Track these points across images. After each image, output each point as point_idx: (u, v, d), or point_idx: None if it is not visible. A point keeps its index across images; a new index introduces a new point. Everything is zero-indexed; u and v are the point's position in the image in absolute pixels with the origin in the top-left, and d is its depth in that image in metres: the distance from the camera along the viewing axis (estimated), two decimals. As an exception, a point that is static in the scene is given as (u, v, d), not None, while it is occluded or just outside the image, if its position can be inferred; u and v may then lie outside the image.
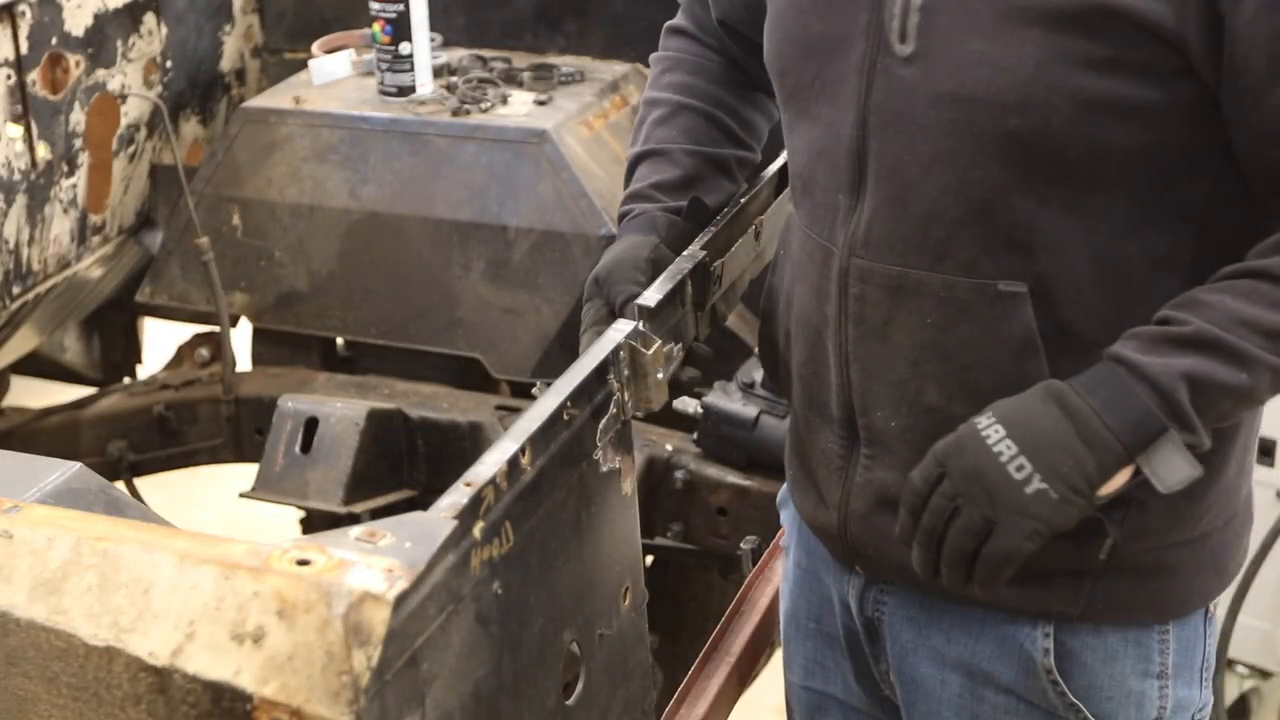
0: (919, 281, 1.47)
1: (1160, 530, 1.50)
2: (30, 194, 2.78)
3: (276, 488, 2.69)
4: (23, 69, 2.69)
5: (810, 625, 1.77)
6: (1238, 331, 1.34)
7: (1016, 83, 1.37)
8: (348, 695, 1.06)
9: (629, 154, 1.81)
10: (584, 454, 1.44)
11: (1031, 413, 1.39)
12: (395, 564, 1.11)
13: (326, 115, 2.92)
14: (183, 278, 3.06)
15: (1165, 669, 1.57)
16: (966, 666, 1.59)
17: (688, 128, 1.77)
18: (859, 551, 1.61)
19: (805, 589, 1.77)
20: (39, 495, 1.53)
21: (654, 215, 1.72)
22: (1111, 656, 1.55)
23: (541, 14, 3.18)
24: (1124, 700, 1.56)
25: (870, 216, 1.49)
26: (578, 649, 1.45)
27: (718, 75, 1.80)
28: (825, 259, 1.55)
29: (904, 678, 1.65)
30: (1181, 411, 1.35)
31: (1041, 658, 1.55)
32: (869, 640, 1.68)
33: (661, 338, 1.55)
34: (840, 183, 1.51)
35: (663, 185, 1.74)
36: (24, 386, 3.58)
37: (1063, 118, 1.37)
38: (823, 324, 1.57)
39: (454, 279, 2.84)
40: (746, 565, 2.16)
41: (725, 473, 2.56)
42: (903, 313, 1.49)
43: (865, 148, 1.48)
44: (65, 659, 1.13)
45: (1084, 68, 1.35)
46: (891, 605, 1.64)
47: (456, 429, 2.79)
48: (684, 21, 1.84)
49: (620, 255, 1.68)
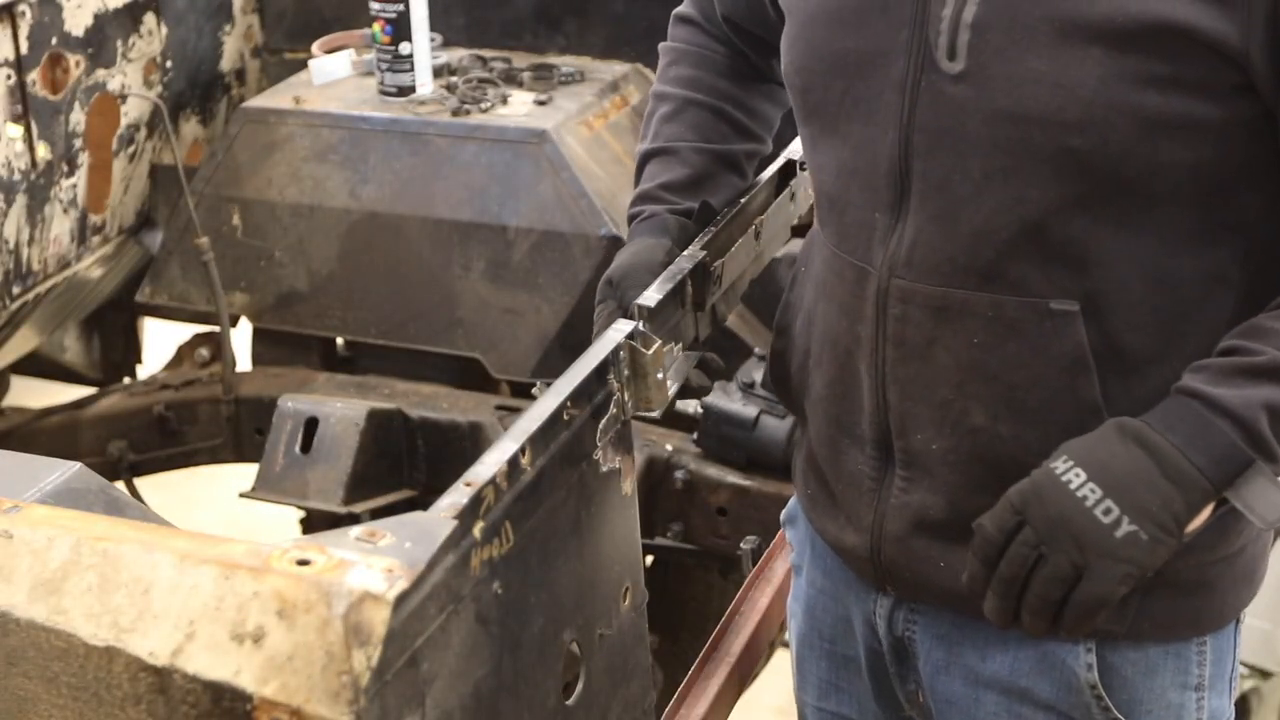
0: (964, 301, 1.44)
1: (1205, 548, 1.49)
2: (30, 194, 2.78)
3: (276, 488, 2.69)
4: (23, 69, 2.69)
5: (825, 646, 1.74)
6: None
7: (1077, 101, 1.34)
8: (348, 695, 1.06)
9: (638, 150, 1.81)
10: (584, 454, 1.44)
11: (1111, 453, 1.35)
12: (395, 564, 1.11)
13: (326, 115, 2.92)
14: (183, 278, 3.06)
15: (1203, 680, 1.56)
16: (1003, 684, 1.56)
17: (696, 123, 1.76)
18: (893, 574, 1.58)
19: (821, 610, 1.74)
20: (39, 495, 1.53)
21: (665, 218, 1.72)
22: (1152, 670, 1.54)
23: (541, 14, 3.18)
24: (1164, 713, 1.55)
25: (914, 236, 1.46)
26: (578, 649, 1.45)
27: (724, 67, 1.79)
28: (859, 279, 1.51)
29: (937, 697, 1.62)
30: (1265, 442, 1.32)
31: (1085, 673, 1.53)
32: (896, 660, 1.65)
33: (661, 338, 1.55)
34: (878, 202, 1.48)
35: (672, 185, 1.74)
36: (24, 386, 3.58)
37: (1121, 135, 1.35)
38: (854, 345, 1.54)
39: (454, 279, 2.84)
40: (746, 565, 2.16)
41: (725, 473, 2.56)
42: (947, 333, 1.46)
43: (908, 167, 1.45)
44: (65, 659, 1.13)
45: (1145, 86, 1.33)
46: (923, 624, 1.61)
47: (456, 429, 2.79)
48: (691, 10, 1.83)
49: (634, 258, 1.68)
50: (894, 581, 1.59)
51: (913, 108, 1.44)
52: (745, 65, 1.80)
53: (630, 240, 1.73)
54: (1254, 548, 1.56)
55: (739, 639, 1.99)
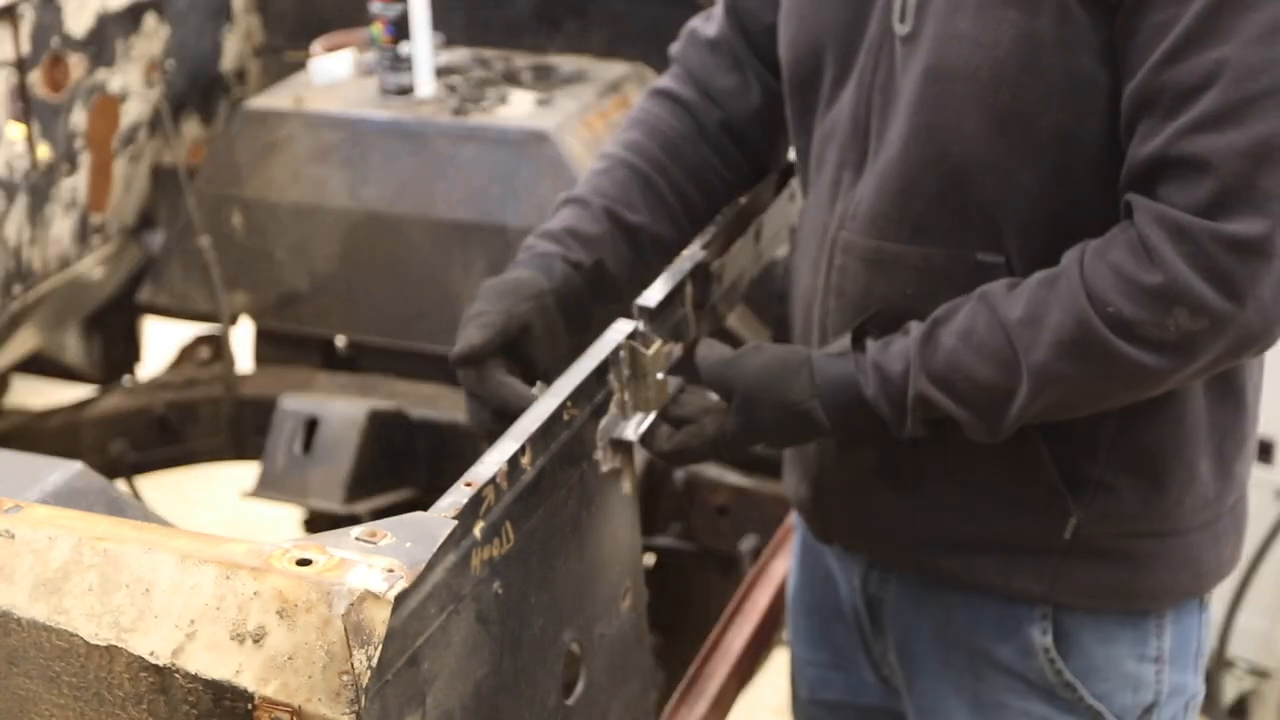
0: (897, 254, 1.52)
1: (1126, 517, 1.54)
2: (31, 194, 2.78)
3: (277, 488, 2.69)
4: (24, 69, 2.69)
5: (814, 600, 1.82)
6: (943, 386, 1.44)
7: (993, 60, 1.41)
8: (348, 695, 1.07)
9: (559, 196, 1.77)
10: (584, 454, 1.44)
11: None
12: (396, 564, 1.11)
13: (327, 115, 2.92)
14: (183, 278, 3.06)
15: (1162, 653, 1.60)
16: (968, 645, 1.63)
17: (622, 183, 1.72)
18: (835, 526, 1.69)
19: (811, 564, 1.82)
20: (40, 495, 1.54)
21: (554, 261, 1.65)
22: (1109, 639, 1.59)
23: (541, 14, 3.18)
24: (1120, 681, 1.60)
25: (861, 192, 1.54)
26: (578, 649, 1.45)
27: (674, 142, 1.75)
28: (823, 234, 1.60)
29: (905, 656, 1.69)
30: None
31: (1040, 637, 1.59)
32: (870, 619, 1.72)
33: (662, 338, 1.55)
34: (845, 160, 1.56)
35: (577, 234, 1.68)
36: (24, 386, 3.58)
37: (1034, 96, 1.41)
38: (814, 297, 1.62)
39: (454, 279, 2.84)
40: (746, 565, 2.16)
41: (725, 473, 2.56)
42: (881, 285, 1.53)
43: (869, 126, 1.53)
44: (66, 658, 1.13)
45: (1054, 49, 1.39)
46: (895, 585, 1.68)
47: (456, 429, 2.79)
48: (670, 83, 1.80)
49: (503, 284, 1.62)
50: (837, 534, 1.69)
51: (875, 69, 1.52)
52: (700, 144, 1.76)
53: (512, 268, 1.67)
54: (1199, 536, 1.58)
55: (739, 639, 1.99)
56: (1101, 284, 1.37)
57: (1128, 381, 1.41)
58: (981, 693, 1.63)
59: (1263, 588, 3.16)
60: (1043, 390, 1.41)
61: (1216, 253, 1.33)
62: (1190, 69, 1.33)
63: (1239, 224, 1.32)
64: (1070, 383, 1.41)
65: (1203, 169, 1.33)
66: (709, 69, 1.77)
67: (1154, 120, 1.36)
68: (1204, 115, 1.33)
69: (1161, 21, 1.34)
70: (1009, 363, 1.41)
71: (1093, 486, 1.52)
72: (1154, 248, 1.35)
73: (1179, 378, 1.42)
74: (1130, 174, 1.39)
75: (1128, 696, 1.60)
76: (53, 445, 2.90)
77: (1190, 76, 1.33)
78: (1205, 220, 1.33)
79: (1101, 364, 1.38)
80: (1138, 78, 1.37)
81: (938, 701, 1.67)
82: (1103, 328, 1.37)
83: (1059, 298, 1.39)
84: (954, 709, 1.66)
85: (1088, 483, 1.52)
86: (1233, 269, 1.33)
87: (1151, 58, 1.35)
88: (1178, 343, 1.36)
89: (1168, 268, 1.34)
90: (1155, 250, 1.35)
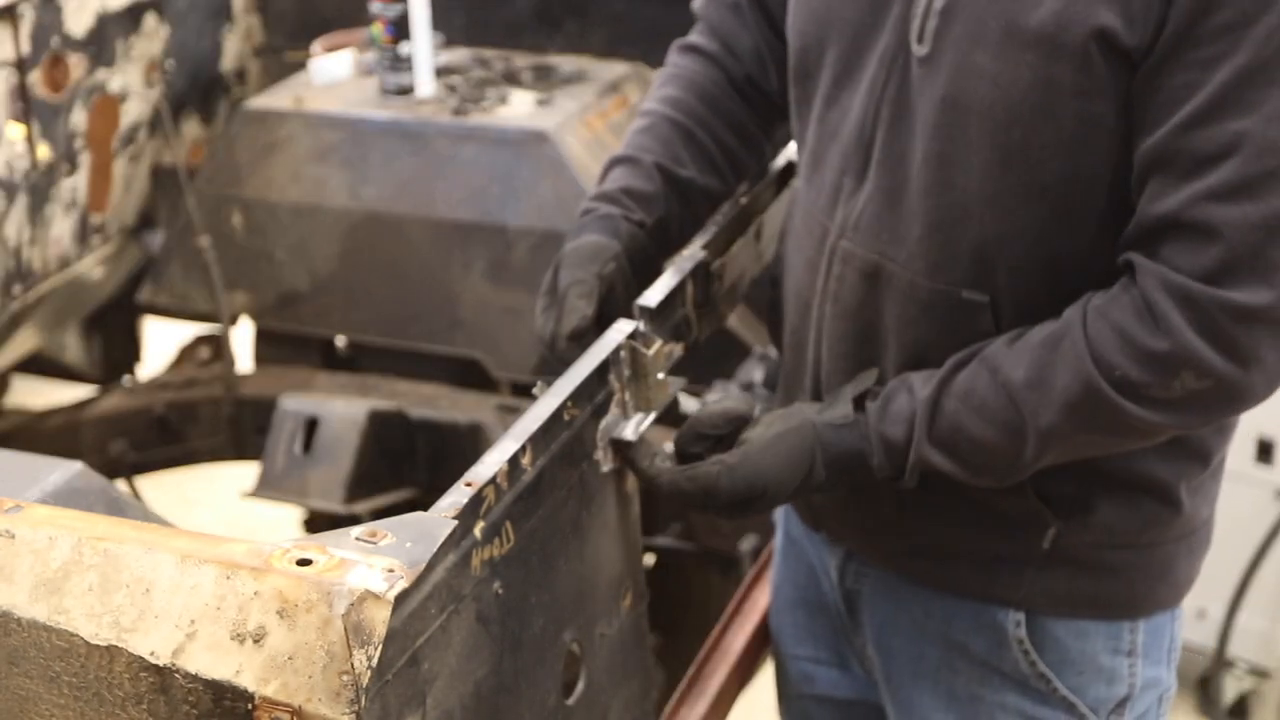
0: (891, 274, 1.52)
1: (1104, 529, 1.55)
2: (31, 194, 2.78)
3: (277, 488, 2.69)
4: (24, 69, 2.69)
5: (798, 594, 1.84)
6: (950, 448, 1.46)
7: (1008, 100, 1.40)
8: (349, 695, 1.07)
9: (608, 157, 1.80)
10: (585, 454, 1.44)
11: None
12: (396, 564, 1.11)
13: (327, 115, 2.92)
14: (183, 278, 3.06)
15: (1135, 647, 1.62)
16: (943, 638, 1.65)
17: (665, 139, 1.76)
18: (824, 518, 1.71)
19: (794, 559, 1.84)
20: (40, 495, 1.54)
21: (619, 221, 1.70)
22: (1083, 633, 1.60)
23: (541, 14, 3.18)
24: (1095, 674, 1.62)
25: (864, 204, 1.54)
26: (578, 649, 1.45)
27: (710, 94, 1.78)
28: (821, 236, 1.60)
29: (882, 649, 1.71)
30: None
31: (1014, 629, 1.60)
32: (848, 612, 1.75)
33: (662, 337, 1.55)
34: (847, 165, 1.56)
35: (633, 193, 1.73)
36: (24, 386, 3.58)
37: (1045, 140, 1.40)
38: (810, 298, 1.63)
39: (454, 279, 2.84)
40: (746, 565, 2.16)
41: (725, 473, 2.56)
42: (874, 299, 1.55)
43: (874, 137, 1.53)
44: (66, 658, 1.13)
45: (1071, 95, 1.38)
46: (873, 578, 1.70)
47: (456, 429, 2.79)
48: (696, 38, 1.83)
49: (578, 251, 1.65)
50: (825, 523, 1.72)
51: (886, 82, 1.51)
52: (736, 95, 1.79)
53: (578, 233, 1.70)
54: (1174, 548, 1.60)
55: (739, 639, 1.99)
56: (1107, 347, 1.38)
57: (1132, 436, 1.45)
58: (956, 685, 1.65)
59: (1263, 588, 3.16)
60: (1048, 449, 1.44)
61: (1223, 320, 1.34)
62: (1210, 137, 1.33)
63: (1245, 293, 1.34)
64: (1077, 440, 1.44)
65: (1212, 236, 1.34)
66: (730, 26, 1.79)
67: (1167, 180, 1.36)
68: (1220, 185, 1.33)
69: (1185, 84, 1.34)
70: (1013, 424, 1.43)
71: (1069, 500, 1.54)
72: (1162, 314, 1.36)
73: (1182, 430, 1.46)
74: (1136, 230, 1.40)
75: (1101, 689, 1.62)
76: (53, 445, 2.90)
77: (1210, 145, 1.33)
78: (1212, 288, 1.34)
79: (1107, 423, 1.41)
80: (1155, 136, 1.36)
81: (914, 694, 1.68)
82: (1109, 390, 1.38)
83: (1064, 360, 1.40)
84: (929, 701, 1.67)
85: (1065, 499, 1.53)
86: (1239, 336, 1.35)
87: (1172, 119, 1.35)
88: (1183, 401, 1.38)
89: (1175, 334, 1.35)
90: (1163, 316, 1.36)
